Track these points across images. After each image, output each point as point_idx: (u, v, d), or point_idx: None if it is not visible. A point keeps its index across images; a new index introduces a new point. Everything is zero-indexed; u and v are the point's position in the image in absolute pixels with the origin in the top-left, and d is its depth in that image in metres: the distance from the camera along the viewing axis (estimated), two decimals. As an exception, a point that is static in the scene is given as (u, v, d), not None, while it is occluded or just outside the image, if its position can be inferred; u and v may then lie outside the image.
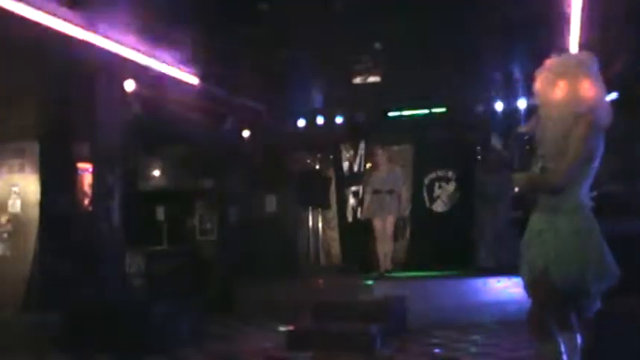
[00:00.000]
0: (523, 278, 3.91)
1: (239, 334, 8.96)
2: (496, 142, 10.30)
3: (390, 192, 10.16)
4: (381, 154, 10.39)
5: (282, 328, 8.21)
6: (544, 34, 8.02)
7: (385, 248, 10.32)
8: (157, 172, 13.38)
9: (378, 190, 10.16)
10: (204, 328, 8.79)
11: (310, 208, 12.18)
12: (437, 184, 12.02)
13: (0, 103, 8.64)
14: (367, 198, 10.51)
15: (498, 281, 9.32)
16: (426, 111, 11.92)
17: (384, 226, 10.20)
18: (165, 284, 11.13)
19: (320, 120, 12.36)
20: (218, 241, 12.51)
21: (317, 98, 11.97)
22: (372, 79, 10.49)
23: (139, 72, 8.94)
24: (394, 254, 10.94)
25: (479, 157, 11.62)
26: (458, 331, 8.35)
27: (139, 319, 7.71)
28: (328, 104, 12.16)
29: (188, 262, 12.05)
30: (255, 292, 10.30)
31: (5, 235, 10.50)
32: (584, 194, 3.78)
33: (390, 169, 10.36)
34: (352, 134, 12.48)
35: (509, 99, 11.06)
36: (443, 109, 11.79)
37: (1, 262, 10.32)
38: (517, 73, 10.09)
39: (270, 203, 12.73)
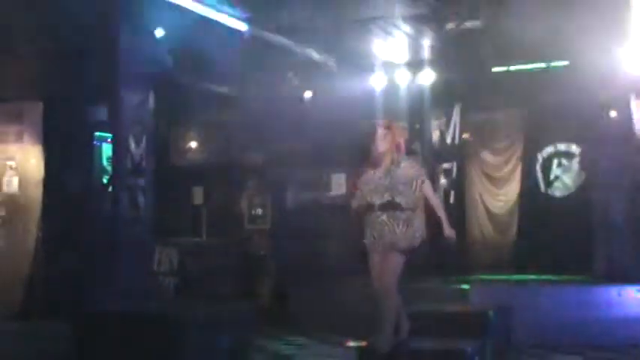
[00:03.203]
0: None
1: (296, 351, 8.96)
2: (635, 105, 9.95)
3: (392, 206, 6.99)
4: (382, 134, 7.19)
5: (351, 344, 8.16)
6: None
7: (386, 306, 7.10)
8: (193, 144, 13.43)
9: (371, 204, 7.05)
10: (253, 344, 8.76)
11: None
12: (556, 162, 11.99)
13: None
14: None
15: (639, 290, 9.24)
16: (542, 65, 11.65)
17: (381, 268, 7.10)
18: (203, 286, 11.16)
19: (403, 78, 12.19)
20: (271, 232, 12.51)
21: (398, 49, 11.76)
22: (469, 24, 10.30)
23: (171, 16, 8.89)
24: (497, 253, 10.79)
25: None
26: (584, 357, 8.23)
27: (168, 333, 7.68)
28: (413, 57, 11.97)
29: (233, 258, 12.08)
30: (317, 297, 10.27)
31: (-2, 222, 10.64)
32: None
33: (393, 161, 7.10)
34: (444, 96, 12.30)
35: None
36: (564, 63, 11.49)
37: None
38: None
39: (338, 184, 12.66)
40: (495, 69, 11.90)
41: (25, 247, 9.98)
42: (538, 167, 11.97)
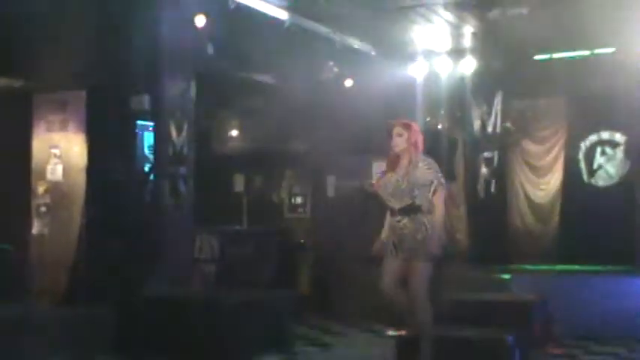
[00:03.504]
0: None
1: (337, 339, 8.97)
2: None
3: (413, 210, 6.68)
4: (398, 134, 6.85)
5: (391, 333, 8.15)
6: None
7: (421, 319, 6.85)
8: (234, 132, 13.46)
9: (392, 208, 6.81)
10: (294, 332, 8.80)
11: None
12: (599, 150, 11.84)
13: (36, 41, 8.76)
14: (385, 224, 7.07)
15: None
16: (586, 52, 11.55)
17: (406, 278, 6.78)
18: (244, 274, 11.19)
19: (444, 65, 12.14)
20: (312, 220, 12.51)
21: (440, 37, 11.69)
22: (513, 10, 10.17)
23: (213, 5, 8.90)
24: (538, 242, 10.69)
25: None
26: (628, 349, 8.21)
27: (209, 319, 7.74)
28: (455, 45, 11.91)
29: (273, 246, 12.09)
30: (359, 285, 10.25)
31: (43, 209, 10.66)
32: None
33: (411, 162, 6.78)
34: (486, 84, 12.22)
35: None
36: (610, 50, 11.36)
37: (39, 242, 10.54)
38: None
39: (378, 172, 12.60)
40: (538, 56, 11.79)
41: (70, 234, 10.08)
42: (581, 156, 11.82)
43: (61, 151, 10.49)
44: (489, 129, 12.41)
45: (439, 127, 12.63)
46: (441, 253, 6.70)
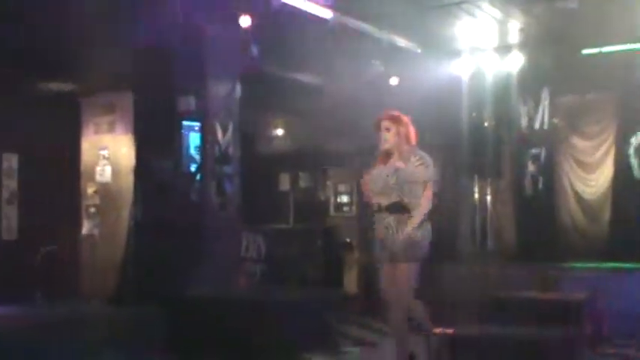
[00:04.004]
0: None
1: (381, 338, 8.94)
2: None
3: (400, 209, 6.30)
4: (387, 128, 6.50)
5: (438, 332, 8.10)
6: None
7: (393, 319, 6.61)
8: (280, 132, 13.49)
9: (379, 205, 6.42)
10: (340, 331, 8.80)
11: (476, 177, 11.96)
12: None
13: (90, 43, 8.86)
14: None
15: None
16: (635, 46, 11.30)
17: (395, 280, 6.41)
18: (290, 273, 11.23)
19: (490, 62, 12.08)
20: (358, 219, 12.50)
21: (486, 33, 11.61)
22: (559, 4, 10.12)
23: (258, 5, 8.93)
24: (588, 240, 10.57)
25: None
26: None
27: (256, 318, 7.77)
28: (501, 40, 11.84)
29: (319, 245, 12.11)
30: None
31: (92, 210, 10.83)
32: None
33: (402, 157, 6.40)
34: (533, 79, 12.11)
35: None
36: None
37: (88, 242, 10.70)
38: None
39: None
40: (586, 51, 11.65)
41: (118, 234, 10.21)
42: (631, 152, 11.63)
43: (109, 152, 10.63)
44: (536, 125, 12.30)
45: (485, 124, 12.54)
46: (428, 254, 6.35)
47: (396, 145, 6.36)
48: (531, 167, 12.32)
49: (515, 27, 11.29)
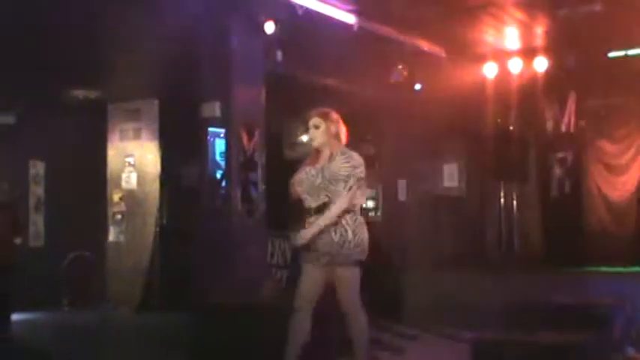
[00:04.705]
0: None
1: (409, 343, 8.94)
2: None
3: (325, 210, 5.86)
4: (316, 126, 6.03)
5: (467, 337, 8.09)
6: None
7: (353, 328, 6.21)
8: (305, 138, 13.48)
9: (307, 207, 6.01)
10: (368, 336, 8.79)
11: (502, 180, 11.93)
12: None
13: (110, 52, 8.93)
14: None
15: None
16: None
17: (337, 287, 6.07)
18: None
19: (516, 65, 12.02)
20: (383, 224, 12.49)
21: (511, 36, 11.58)
22: (584, 8, 9.97)
23: (282, 11, 8.97)
24: (616, 243, 10.51)
25: None
26: None
27: (282, 324, 7.76)
28: (527, 43, 11.77)
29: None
30: (431, 290, 10.21)
31: (119, 217, 10.89)
32: None
33: (331, 156, 5.94)
34: (558, 84, 12.08)
35: None
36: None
37: (115, 249, 10.76)
38: None
39: (450, 175, 12.58)
40: (612, 54, 11.59)
41: (144, 241, 10.26)
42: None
43: (135, 159, 10.69)
44: (563, 129, 12.26)
45: (511, 127, 12.51)
46: (365, 257, 5.99)
47: (325, 143, 5.94)
48: (557, 171, 12.28)
49: (541, 30, 11.24)
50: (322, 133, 5.92)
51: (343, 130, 6.03)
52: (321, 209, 5.81)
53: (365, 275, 11.57)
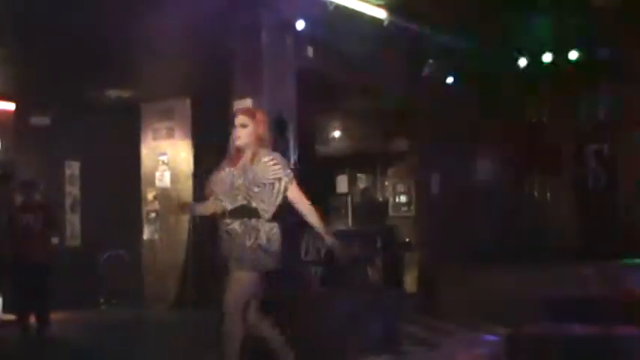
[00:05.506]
0: None
1: (444, 338, 8.91)
2: None
3: (246, 213, 5.62)
4: (241, 125, 5.72)
5: (500, 332, 8.05)
6: None
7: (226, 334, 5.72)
8: (337, 133, 13.51)
9: (223, 209, 5.73)
10: (401, 330, 8.79)
11: (535, 174, 11.85)
12: None
13: (143, 52, 8.98)
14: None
15: None
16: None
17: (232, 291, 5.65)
18: (350, 275, 11.22)
19: (548, 57, 11.95)
20: (417, 219, 12.47)
21: (544, 28, 11.49)
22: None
23: (312, 8, 8.98)
24: None
25: None
26: None
27: (318, 319, 7.80)
28: (559, 36, 11.65)
29: (379, 245, 12.10)
30: (465, 285, 10.19)
31: (153, 215, 10.95)
32: None
33: (254, 157, 5.65)
34: (592, 75, 11.94)
35: None
36: None
37: (149, 247, 10.83)
38: None
39: (484, 169, 12.52)
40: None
41: (178, 239, 10.32)
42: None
43: (168, 158, 10.75)
44: (598, 120, 12.15)
45: (544, 119, 12.44)
46: (275, 267, 5.82)
47: (249, 144, 5.66)
48: (593, 163, 12.18)
49: (573, 23, 11.14)
50: (248, 133, 5.65)
51: (267, 131, 5.79)
52: (236, 212, 5.56)
53: (399, 271, 11.59)
